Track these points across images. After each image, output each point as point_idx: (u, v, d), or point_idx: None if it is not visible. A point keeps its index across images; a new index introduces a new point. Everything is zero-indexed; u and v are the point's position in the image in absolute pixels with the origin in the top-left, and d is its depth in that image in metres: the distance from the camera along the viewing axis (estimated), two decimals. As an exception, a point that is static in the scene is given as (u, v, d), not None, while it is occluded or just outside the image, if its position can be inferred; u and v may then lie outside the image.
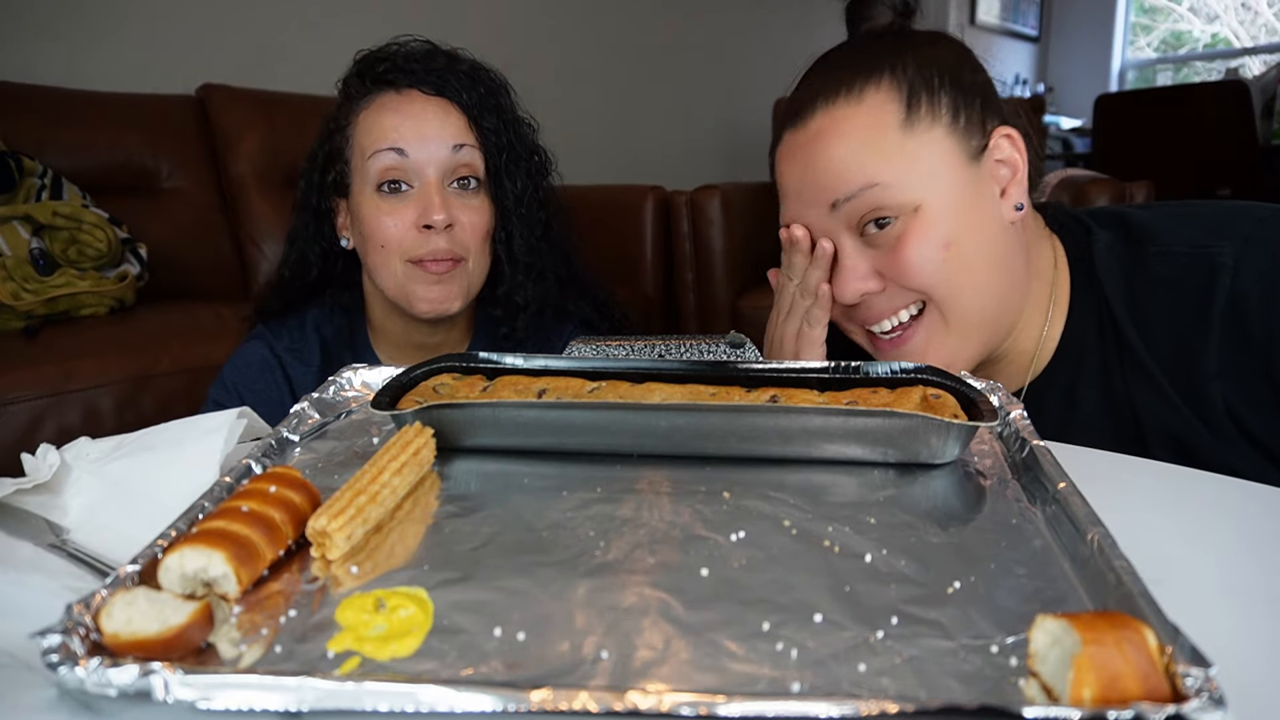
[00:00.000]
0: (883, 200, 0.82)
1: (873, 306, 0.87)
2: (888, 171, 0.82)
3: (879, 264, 0.85)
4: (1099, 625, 0.37)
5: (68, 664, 0.39)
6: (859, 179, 0.82)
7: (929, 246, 0.82)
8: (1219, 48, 6.40)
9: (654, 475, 0.63)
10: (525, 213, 1.18)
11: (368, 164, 1.10)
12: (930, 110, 0.83)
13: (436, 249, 1.10)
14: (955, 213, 0.83)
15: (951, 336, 0.86)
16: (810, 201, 0.86)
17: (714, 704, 0.36)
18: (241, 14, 2.69)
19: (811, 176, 0.85)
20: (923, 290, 0.84)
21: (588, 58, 3.69)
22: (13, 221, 1.81)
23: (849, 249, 0.86)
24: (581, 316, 1.30)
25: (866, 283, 0.85)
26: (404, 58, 1.15)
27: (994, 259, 0.86)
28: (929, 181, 0.82)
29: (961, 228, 0.83)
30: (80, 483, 0.65)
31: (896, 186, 0.82)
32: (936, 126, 0.83)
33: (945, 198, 0.83)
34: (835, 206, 0.84)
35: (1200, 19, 6.54)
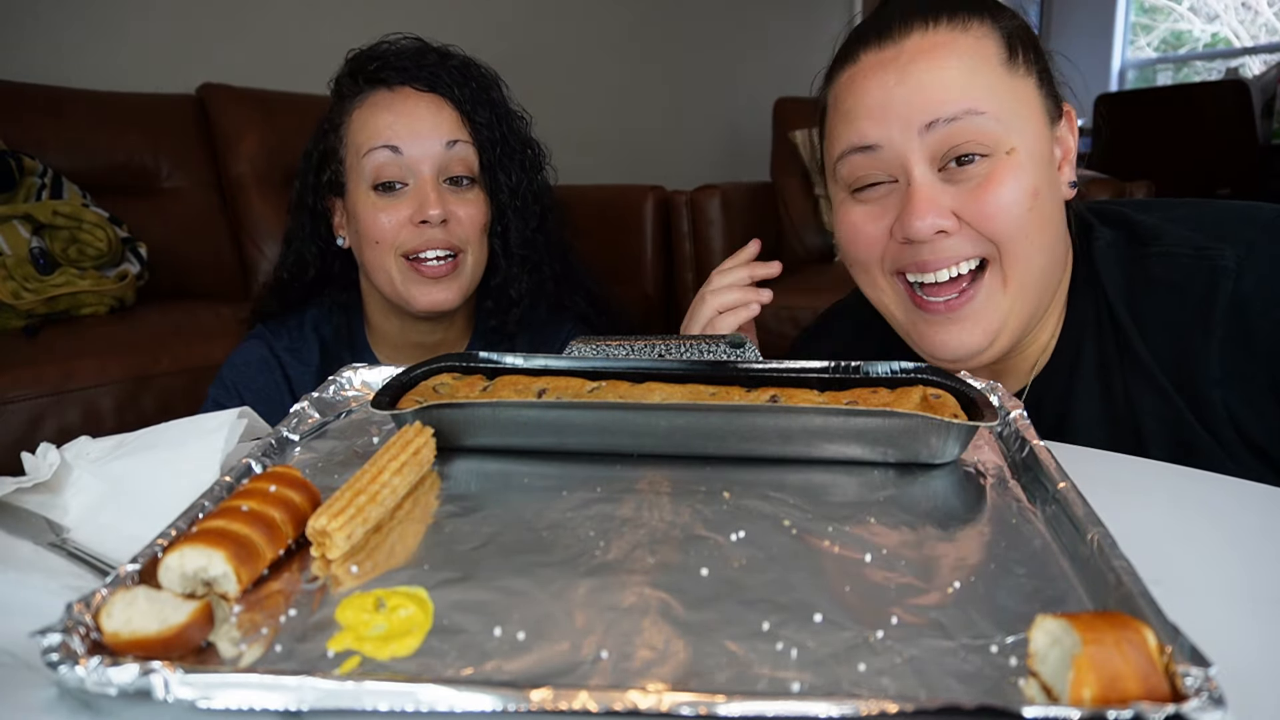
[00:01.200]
0: (982, 131, 0.78)
1: (938, 250, 0.81)
2: (993, 103, 0.79)
3: (958, 203, 0.80)
4: (1099, 625, 0.37)
5: (68, 663, 0.39)
6: (963, 102, 0.78)
7: (1019, 191, 0.79)
8: (1219, 47, 6.40)
9: (654, 475, 0.63)
10: (520, 206, 1.18)
11: (362, 162, 1.11)
12: (1026, 61, 0.82)
13: (432, 239, 1.11)
14: (1041, 166, 0.81)
15: (1007, 299, 0.83)
16: (898, 120, 0.79)
17: (714, 704, 0.36)
18: (241, 14, 2.69)
19: (905, 94, 0.79)
20: (999, 237, 0.80)
21: (588, 57, 3.69)
22: (13, 221, 1.81)
23: (927, 179, 0.80)
24: (578, 312, 1.30)
25: (943, 219, 0.79)
26: (395, 55, 1.15)
27: (1057, 227, 0.84)
28: (1024, 126, 0.80)
29: (1045, 183, 0.81)
30: (80, 482, 0.65)
31: (998, 121, 0.78)
32: (1030, 78, 0.82)
33: (1035, 148, 0.81)
34: (930, 128, 0.78)
35: (1200, 19, 6.54)
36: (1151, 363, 0.83)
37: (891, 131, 0.80)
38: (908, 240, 0.82)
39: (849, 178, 0.85)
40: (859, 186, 0.85)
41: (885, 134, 0.81)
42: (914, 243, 0.81)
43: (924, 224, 0.79)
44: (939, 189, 0.80)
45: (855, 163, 0.83)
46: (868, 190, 0.85)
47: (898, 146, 0.80)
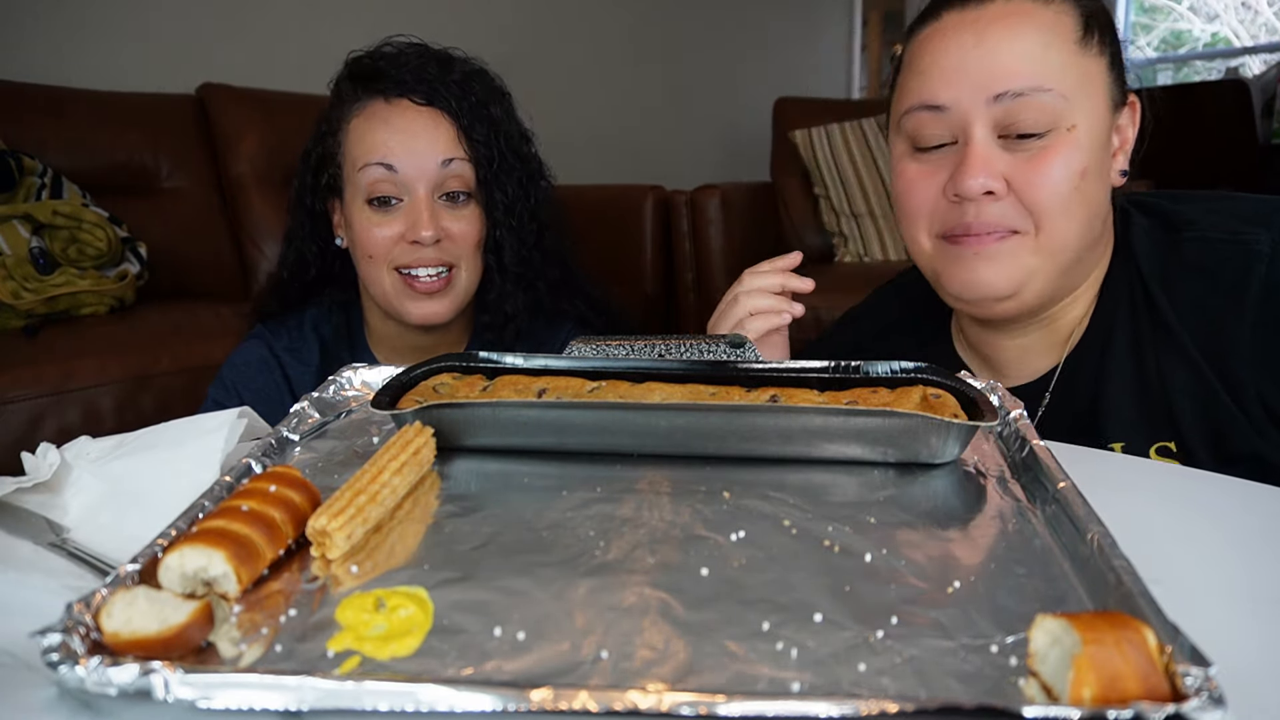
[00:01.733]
0: (1046, 107, 0.80)
1: (983, 213, 0.83)
2: (1063, 82, 0.81)
3: (1010, 170, 0.82)
4: (1099, 625, 0.37)
5: (68, 663, 0.39)
6: (1035, 78, 0.80)
7: (1068, 168, 0.81)
8: (1219, 47, 6.40)
9: (654, 475, 0.63)
10: (515, 223, 1.17)
11: (358, 176, 1.10)
12: (1099, 42, 0.84)
13: (424, 258, 1.11)
14: (1096, 148, 0.83)
15: (1035, 259, 0.84)
16: (968, 86, 0.82)
17: (714, 704, 0.36)
18: (241, 14, 2.69)
19: (982, 60, 0.81)
20: (1040, 209, 0.82)
21: (588, 57, 3.69)
22: (13, 220, 1.81)
23: (985, 142, 0.82)
24: (577, 315, 1.30)
25: (994, 180, 0.82)
26: (395, 64, 1.13)
27: (1101, 209, 0.86)
28: (1088, 106, 0.82)
29: (1096, 164, 0.83)
30: (80, 482, 0.65)
31: (1065, 100, 0.80)
32: (1102, 59, 0.84)
33: (1095, 129, 0.83)
34: (998, 99, 0.81)
35: (1200, 18, 6.53)
36: (1186, 340, 0.84)
37: (961, 95, 0.83)
38: (958, 197, 0.84)
39: (913, 134, 0.87)
40: (921, 146, 0.87)
41: (954, 96, 0.83)
42: (962, 202, 0.84)
43: (975, 183, 0.81)
44: (995, 153, 0.82)
45: (921, 119, 0.86)
46: (927, 152, 0.87)
47: (964, 110, 0.83)
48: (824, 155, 3.20)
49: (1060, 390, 0.92)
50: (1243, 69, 4.86)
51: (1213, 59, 6.36)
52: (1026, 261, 0.84)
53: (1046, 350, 0.94)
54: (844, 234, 3.20)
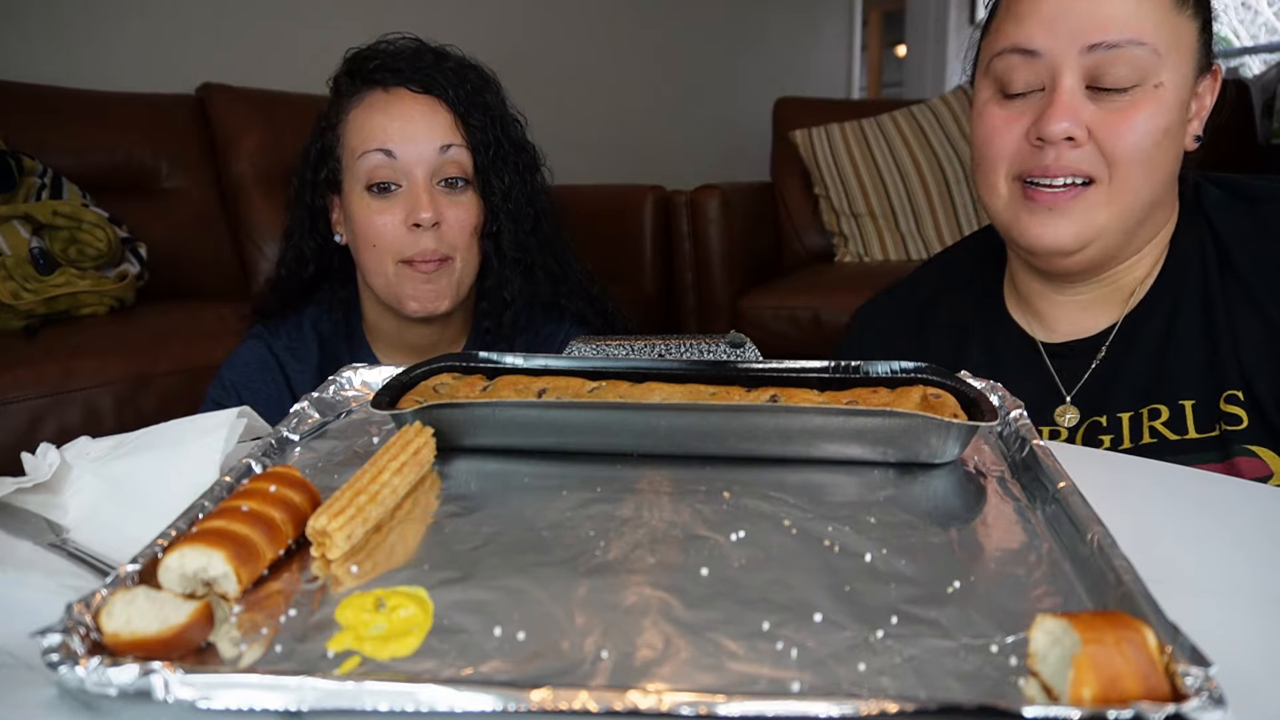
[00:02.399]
0: (1139, 61, 0.81)
1: (1062, 157, 0.84)
2: (1157, 38, 0.82)
3: (1094, 120, 0.83)
4: (1099, 625, 0.37)
5: (68, 663, 0.39)
6: (1131, 30, 0.81)
7: (1152, 124, 0.83)
8: (1219, 47, 6.40)
9: (654, 475, 0.63)
10: (513, 209, 1.18)
11: (357, 164, 1.11)
12: (1195, 4, 0.85)
13: (425, 249, 1.11)
14: (1180, 107, 0.85)
15: (1105, 215, 0.86)
16: (1064, 33, 0.83)
17: (714, 704, 0.36)
18: (241, 14, 2.69)
19: (1081, 8, 0.82)
20: (1119, 160, 0.83)
21: (587, 57, 3.69)
22: (13, 221, 1.81)
23: (1073, 90, 0.83)
24: (576, 313, 1.30)
25: (1077, 127, 0.83)
26: (392, 56, 1.15)
27: (1172, 171, 0.88)
28: (1178, 66, 0.84)
29: (1178, 124, 0.85)
30: (80, 482, 0.65)
31: (1158, 56, 0.82)
32: (1195, 22, 0.85)
33: (1180, 90, 0.84)
34: (1093, 49, 0.82)
35: (1200, 19, 6.53)
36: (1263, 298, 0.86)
37: (1056, 42, 0.83)
38: (1040, 141, 0.85)
39: (1002, 75, 0.88)
40: (1009, 93, 0.88)
41: (1049, 43, 0.84)
42: (1044, 145, 0.85)
43: (1059, 127, 0.83)
44: (1081, 101, 0.83)
45: (1012, 63, 0.86)
46: (1015, 99, 0.88)
47: (1057, 57, 0.83)
48: (824, 155, 3.20)
49: (1117, 347, 0.94)
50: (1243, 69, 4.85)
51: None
52: (1097, 216, 0.86)
53: (1104, 308, 0.96)
54: (844, 234, 3.20)
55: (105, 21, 2.43)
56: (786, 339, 2.61)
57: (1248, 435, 0.83)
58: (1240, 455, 0.84)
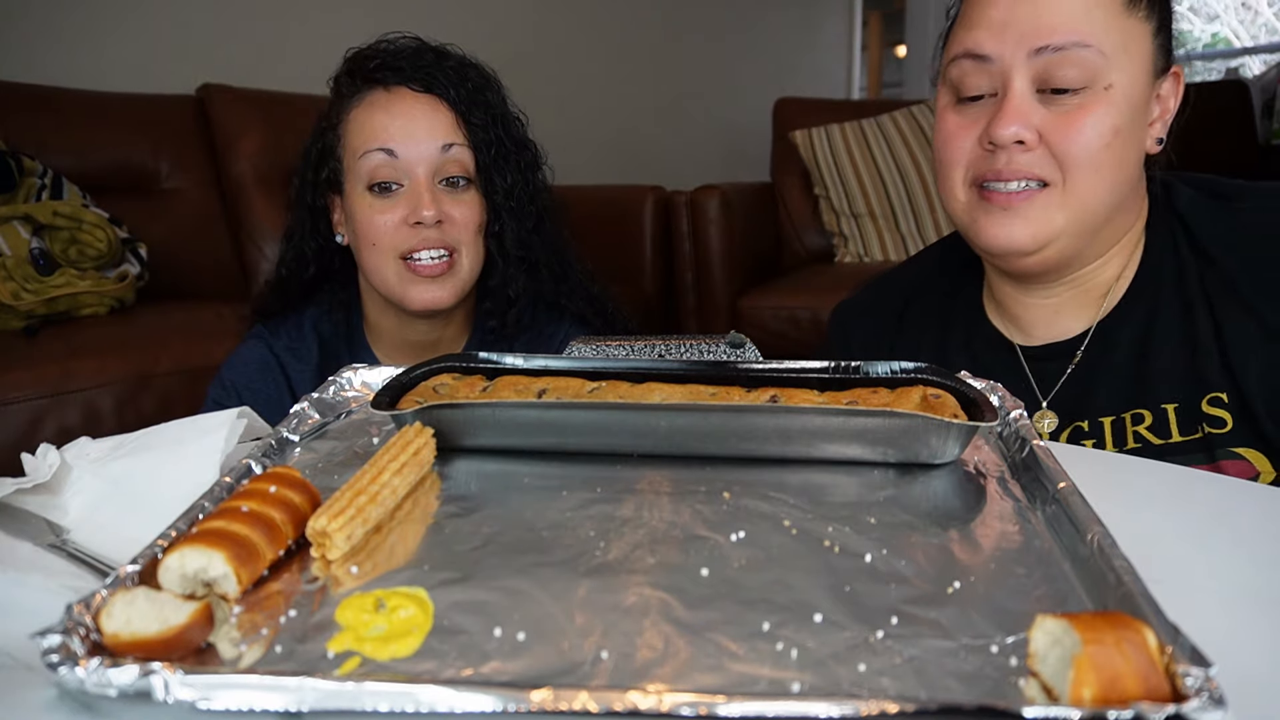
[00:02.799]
0: (1086, 63, 0.82)
1: (1013, 161, 0.85)
2: (1104, 39, 0.83)
3: (1044, 123, 0.84)
4: (1099, 625, 0.37)
5: (68, 664, 0.39)
6: (1077, 33, 0.82)
7: (1104, 126, 0.83)
8: (1219, 47, 6.39)
9: (654, 475, 0.63)
10: (515, 207, 1.19)
11: (358, 163, 1.11)
12: (1148, 7, 0.86)
13: (427, 239, 1.11)
14: (1133, 109, 0.85)
15: (1061, 217, 0.86)
16: (1012, 37, 0.84)
17: (714, 704, 0.36)
18: (241, 14, 2.69)
19: (1026, 13, 0.84)
20: (1069, 162, 0.84)
21: (587, 57, 3.69)
22: (13, 221, 1.81)
23: (1024, 93, 0.84)
24: (576, 312, 1.30)
25: (1028, 131, 0.84)
26: (392, 55, 1.15)
27: (1130, 171, 0.88)
28: (1128, 68, 0.84)
29: (1130, 126, 0.85)
30: (80, 482, 0.65)
31: (1105, 57, 0.82)
32: (1148, 25, 0.86)
33: (1132, 91, 0.85)
34: (1039, 52, 0.83)
35: (1200, 19, 6.53)
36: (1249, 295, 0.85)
37: (1005, 47, 0.85)
38: (992, 146, 0.86)
39: (955, 81, 0.90)
40: (962, 97, 0.90)
41: (999, 48, 0.85)
42: (995, 150, 0.86)
43: (1008, 131, 0.84)
44: (1031, 104, 0.85)
45: (965, 68, 0.88)
46: (969, 103, 0.90)
47: (1006, 61, 0.85)
48: (824, 155, 3.20)
49: (1093, 350, 0.94)
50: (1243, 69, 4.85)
51: (1213, 59, 6.35)
52: (1053, 217, 0.86)
53: (1077, 311, 0.95)
54: (844, 234, 3.20)
55: (105, 21, 2.43)
56: (786, 339, 2.61)
57: (1232, 437, 0.84)
58: (1225, 458, 0.84)
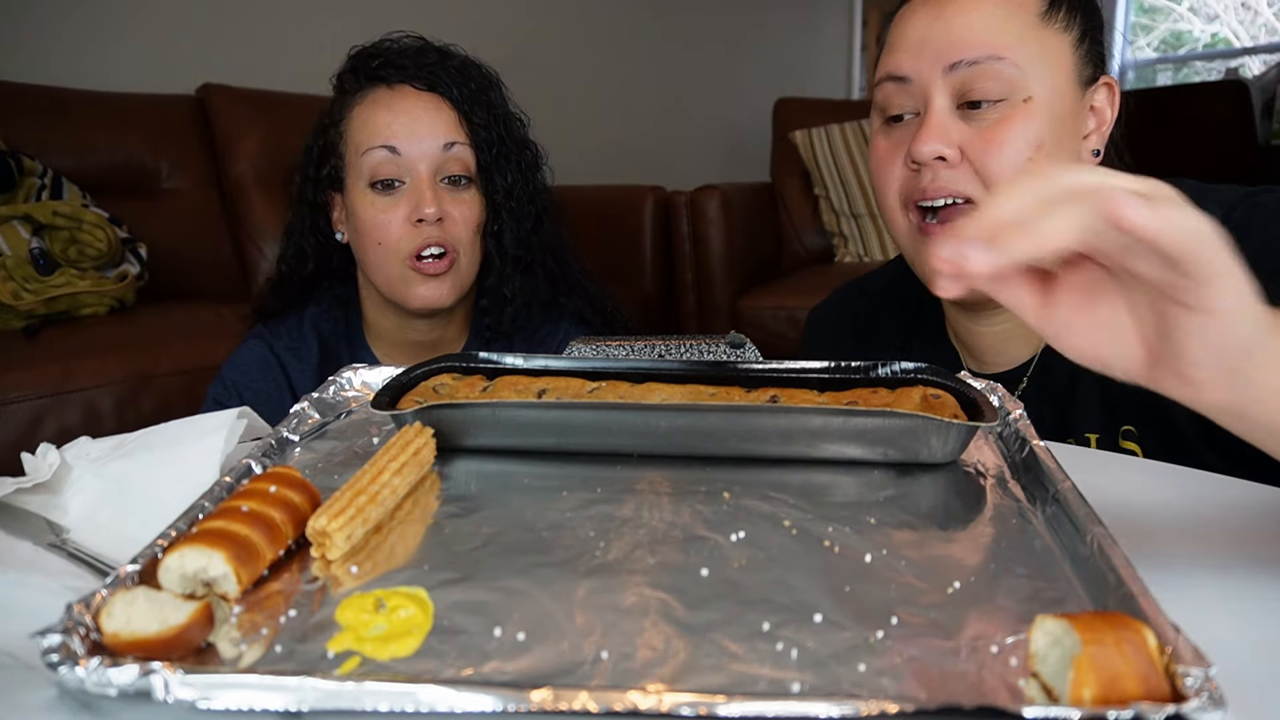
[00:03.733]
0: (1000, 76, 0.82)
1: (937, 178, 0.85)
2: (1018, 52, 0.82)
3: (965, 139, 0.84)
4: (1099, 625, 0.37)
5: (68, 664, 0.39)
6: (988, 48, 0.82)
7: (1023, 139, 0.82)
8: (1219, 47, 6.39)
9: (654, 475, 0.63)
10: (515, 207, 1.19)
11: (361, 160, 1.12)
12: (1067, 18, 0.85)
13: (430, 238, 1.11)
14: (1056, 121, 0.84)
15: None
16: (927, 57, 0.85)
17: (714, 704, 0.36)
18: (241, 14, 2.69)
19: (939, 32, 0.84)
20: (991, 178, 0.83)
21: (587, 57, 3.69)
22: (13, 221, 1.81)
23: (942, 110, 0.84)
24: (575, 311, 1.30)
25: (947, 148, 0.84)
26: (396, 53, 1.15)
27: None
28: (1047, 80, 0.83)
29: (1054, 139, 0.84)
30: (80, 482, 0.65)
31: (1019, 69, 0.82)
32: (1067, 35, 0.85)
33: (1054, 103, 0.84)
34: (953, 68, 0.83)
35: (1200, 19, 6.53)
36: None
37: (921, 66, 0.85)
38: (915, 164, 0.86)
39: (882, 104, 0.90)
40: (889, 117, 0.90)
41: (915, 68, 0.86)
42: (920, 168, 0.86)
43: (927, 149, 0.83)
44: (951, 122, 0.84)
45: (888, 90, 0.89)
46: (896, 124, 0.90)
47: (924, 80, 0.85)
48: (824, 155, 3.20)
49: (1037, 378, 0.93)
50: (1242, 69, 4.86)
51: (1212, 59, 6.35)
52: None
53: (1025, 339, 0.95)
54: (844, 234, 3.21)
55: (105, 21, 2.43)
56: (786, 339, 2.61)
57: None
58: None
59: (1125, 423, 0.86)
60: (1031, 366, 0.94)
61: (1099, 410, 0.87)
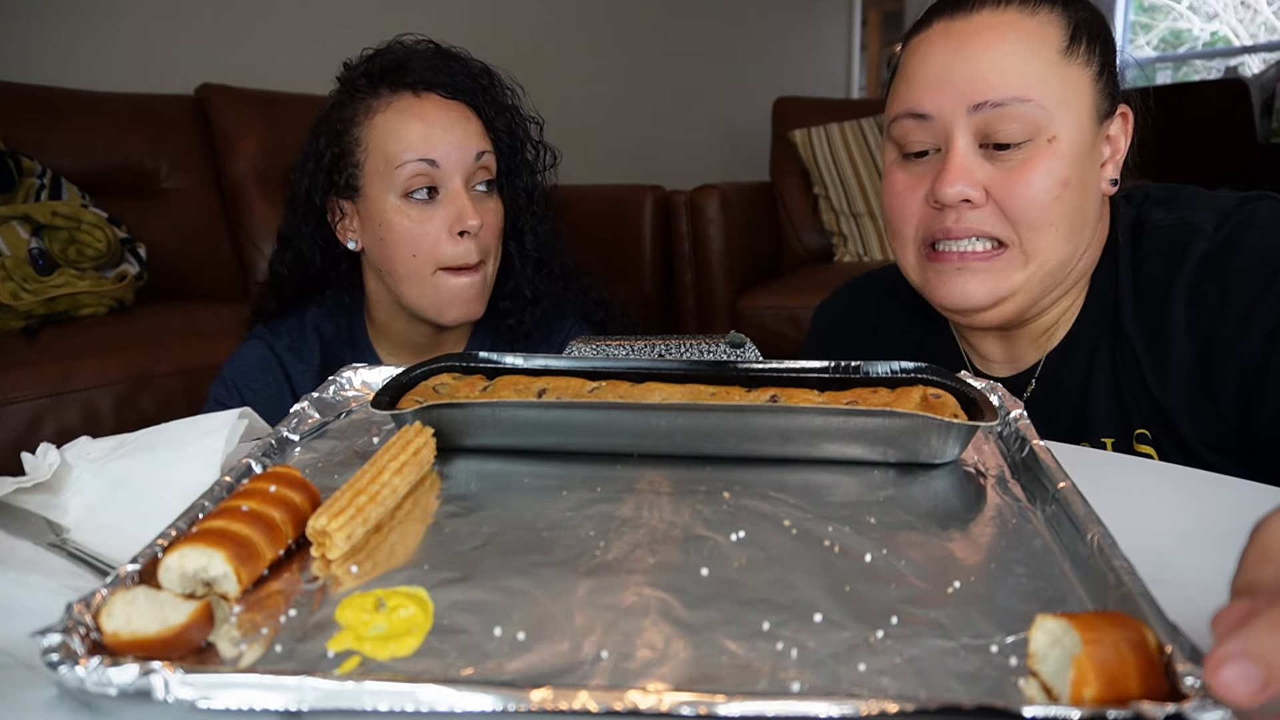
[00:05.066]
0: (1026, 117, 0.81)
1: (962, 219, 0.84)
2: (1044, 92, 0.81)
3: (990, 180, 0.83)
4: (1099, 625, 0.37)
5: (68, 663, 0.39)
6: (1015, 88, 0.81)
7: (1050, 179, 0.82)
8: (1218, 46, 6.39)
9: (654, 475, 0.63)
10: (535, 209, 1.20)
11: (395, 172, 1.09)
12: (1087, 52, 0.84)
13: (471, 250, 1.11)
14: (1079, 158, 0.83)
15: (1022, 275, 0.85)
16: (949, 95, 0.83)
17: (714, 704, 0.36)
18: (241, 14, 2.69)
19: (963, 68, 0.83)
20: (1020, 220, 0.83)
21: (587, 57, 3.69)
22: (12, 221, 1.81)
23: (966, 150, 0.83)
24: (578, 308, 1.31)
25: (973, 189, 0.83)
26: (417, 59, 1.14)
27: (1086, 219, 0.86)
28: (1070, 117, 0.83)
29: (1078, 175, 0.83)
30: (80, 482, 0.65)
31: (1045, 110, 0.81)
32: (1088, 70, 0.84)
33: (1077, 140, 0.83)
34: (978, 109, 0.82)
35: (1200, 17, 6.53)
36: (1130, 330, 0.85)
37: (943, 104, 0.84)
38: (938, 204, 0.85)
39: (899, 139, 0.89)
40: (908, 153, 0.89)
41: (937, 105, 0.84)
42: (943, 209, 0.85)
43: (953, 190, 0.83)
44: (975, 162, 0.83)
45: (907, 127, 0.87)
46: (915, 159, 0.88)
47: (946, 118, 0.84)
48: (823, 155, 3.20)
49: (1046, 383, 0.93)
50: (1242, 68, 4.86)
51: (1212, 58, 6.35)
52: (1012, 276, 0.85)
53: (1030, 343, 0.95)
54: (843, 234, 3.21)
55: (105, 21, 2.43)
56: (786, 339, 2.61)
57: None
58: None
59: (1139, 426, 0.86)
60: (1038, 369, 0.94)
61: (1113, 415, 0.87)
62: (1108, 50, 0.86)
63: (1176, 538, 0.57)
